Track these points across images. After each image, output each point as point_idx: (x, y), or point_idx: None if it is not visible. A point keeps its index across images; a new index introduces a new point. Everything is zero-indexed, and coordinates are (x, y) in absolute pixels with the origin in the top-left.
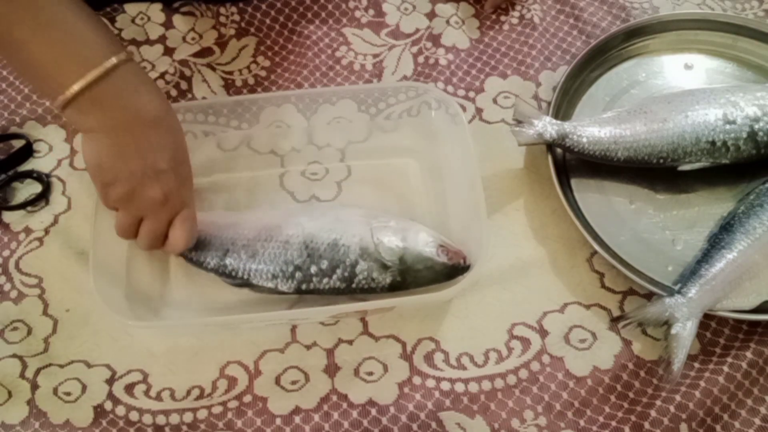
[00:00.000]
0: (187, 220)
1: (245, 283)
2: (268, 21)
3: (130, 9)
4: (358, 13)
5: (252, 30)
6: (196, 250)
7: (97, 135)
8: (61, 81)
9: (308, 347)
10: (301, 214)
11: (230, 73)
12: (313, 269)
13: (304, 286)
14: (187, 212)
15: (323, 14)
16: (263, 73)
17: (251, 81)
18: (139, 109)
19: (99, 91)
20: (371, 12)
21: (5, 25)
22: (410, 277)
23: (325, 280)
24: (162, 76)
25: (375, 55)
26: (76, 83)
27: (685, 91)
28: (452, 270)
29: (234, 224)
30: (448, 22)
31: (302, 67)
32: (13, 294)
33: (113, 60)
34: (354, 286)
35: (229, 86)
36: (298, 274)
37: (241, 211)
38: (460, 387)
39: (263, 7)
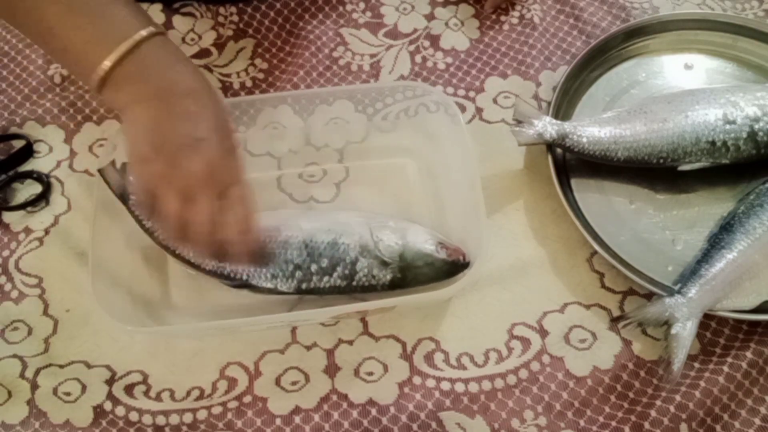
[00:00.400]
0: (243, 199)
1: (244, 284)
2: (266, 22)
3: None
4: (355, 15)
5: (250, 31)
6: (195, 253)
7: (132, 111)
8: (93, 59)
9: (308, 348)
10: (299, 218)
11: (228, 75)
12: (314, 267)
13: (304, 285)
14: (239, 190)
15: (321, 15)
16: (261, 76)
17: (249, 83)
18: (173, 79)
19: (130, 64)
20: (369, 13)
21: (38, 13)
22: (410, 274)
23: (326, 279)
24: None
25: (372, 55)
26: (107, 59)
27: (685, 91)
28: (452, 267)
29: None
30: (447, 23)
31: (299, 68)
32: (14, 294)
33: (142, 33)
34: (354, 284)
35: (226, 89)
36: (298, 273)
37: None
38: (460, 387)
39: (263, 7)
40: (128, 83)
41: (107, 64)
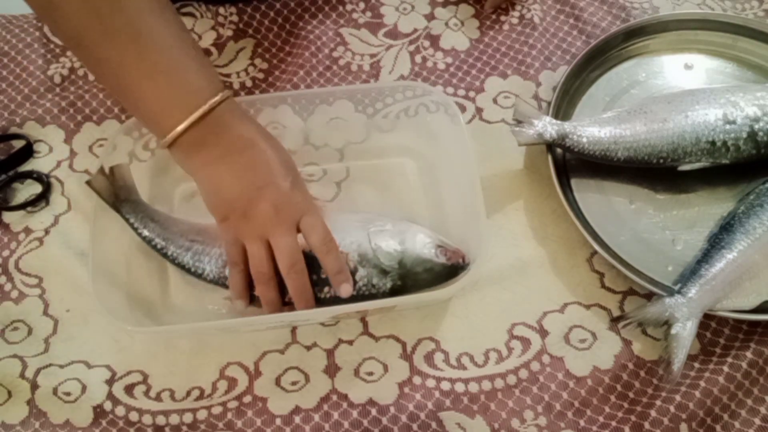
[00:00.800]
0: (316, 222)
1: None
2: (266, 22)
3: None
4: (355, 14)
5: (250, 31)
6: (194, 262)
7: (201, 176)
8: (167, 122)
9: (308, 348)
10: None
11: (227, 75)
12: (313, 278)
13: None
14: (310, 219)
15: (321, 15)
16: (261, 75)
17: (249, 83)
18: (234, 139)
19: (201, 129)
20: (368, 13)
21: (115, 69)
22: (410, 280)
23: (326, 289)
24: None
25: (372, 55)
26: (181, 124)
27: (685, 91)
28: (452, 270)
29: None
30: (447, 23)
31: (299, 68)
32: (14, 294)
33: (214, 99)
34: (354, 293)
35: (226, 88)
36: None
37: None
38: (460, 387)
39: (262, 8)
40: (198, 148)
41: (180, 129)
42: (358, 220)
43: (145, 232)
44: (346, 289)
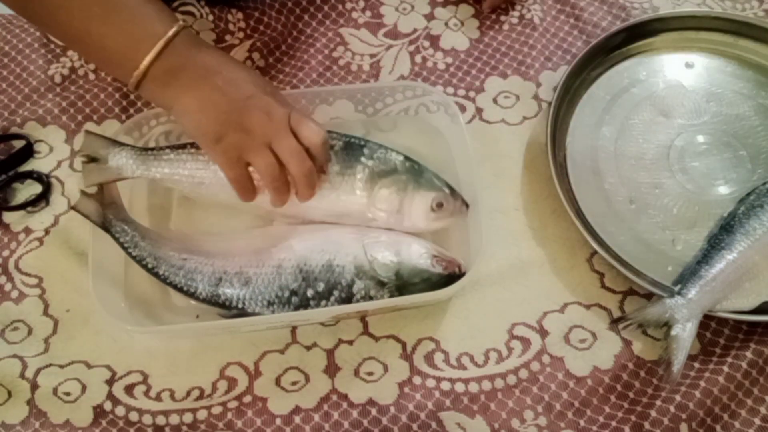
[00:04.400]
0: (302, 117)
1: (241, 314)
2: (266, 22)
3: None
4: (355, 14)
5: (249, 31)
6: (186, 281)
7: (182, 103)
8: (132, 58)
9: (308, 348)
10: (290, 236)
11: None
12: (310, 293)
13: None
14: (296, 115)
15: (320, 15)
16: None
17: None
18: (204, 62)
19: (167, 60)
20: (368, 13)
21: (82, 21)
22: (407, 291)
23: (323, 303)
24: None
25: (372, 55)
26: (146, 57)
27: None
28: (448, 279)
29: (223, 251)
30: (446, 23)
31: (298, 69)
32: (14, 294)
33: (174, 28)
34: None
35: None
36: (294, 299)
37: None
38: (460, 387)
39: (261, 8)
40: (169, 77)
41: (147, 61)
42: (351, 231)
43: (136, 252)
44: (305, 195)
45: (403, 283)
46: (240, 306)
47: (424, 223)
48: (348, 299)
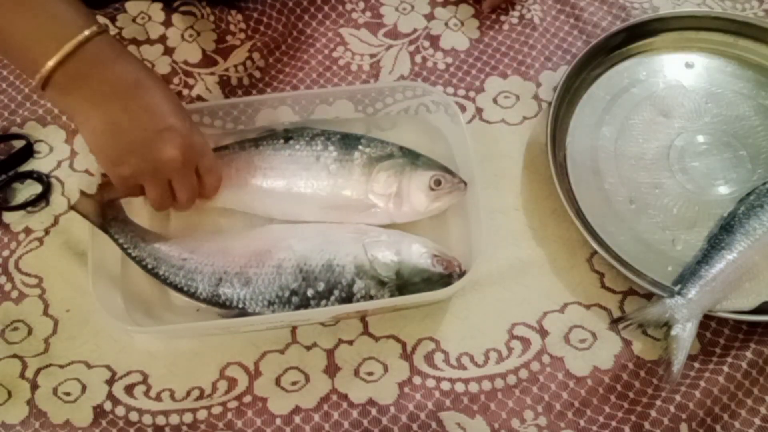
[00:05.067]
0: (211, 168)
1: (240, 314)
2: (266, 22)
3: (131, 8)
4: (355, 14)
5: (249, 32)
6: (186, 281)
7: (86, 115)
8: (36, 59)
9: (308, 348)
10: (289, 236)
11: (226, 69)
12: (310, 292)
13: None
14: (208, 160)
15: (320, 15)
16: (258, 74)
17: (246, 81)
18: (118, 76)
19: (75, 65)
20: (368, 13)
21: None
22: (407, 291)
23: (323, 303)
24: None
25: (372, 55)
26: (50, 59)
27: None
28: (449, 278)
29: (223, 251)
30: (446, 23)
31: (298, 70)
32: (14, 294)
33: (85, 33)
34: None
35: (224, 84)
36: (294, 299)
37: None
38: (460, 387)
39: (261, 8)
40: (75, 85)
41: (51, 64)
42: (351, 230)
43: (135, 252)
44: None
45: (404, 283)
46: (240, 306)
47: (424, 203)
48: (348, 299)
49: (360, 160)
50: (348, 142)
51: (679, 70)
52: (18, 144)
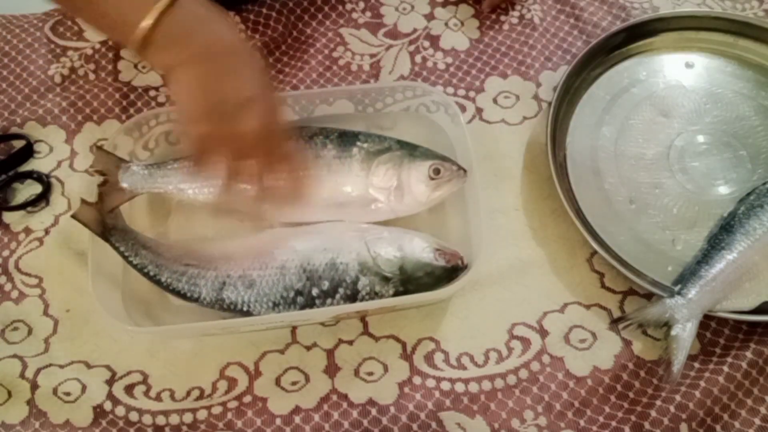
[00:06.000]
0: (288, 155)
1: (246, 316)
2: (266, 22)
3: None
4: (355, 14)
5: (248, 32)
6: (189, 287)
7: (178, 73)
8: (132, 20)
9: (308, 348)
10: (291, 236)
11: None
12: (315, 292)
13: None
14: (287, 145)
15: (320, 15)
16: None
17: None
18: (214, 37)
19: (170, 23)
20: (368, 13)
21: None
22: (412, 285)
23: (329, 302)
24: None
25: (372, 55)
26: (145, 19)
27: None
28: (452, 272)
29: (225, 255)
30: (446, 24)
31: (298, 70)
32: (14, 294)
33: None
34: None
35: None
36: (299, 299)
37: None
38: (460, 387)
39: (261, 9)
40: (170, 43)
41: (147, 23)
42: (352, 229)
43: (137, 260)
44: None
45: (408, 278)
46: (245, 309)
47: (425, 192)
48: (353, 296)
49: (359, 156)
50: (346, 138)
51: (679, 70)
52: (18, 144)
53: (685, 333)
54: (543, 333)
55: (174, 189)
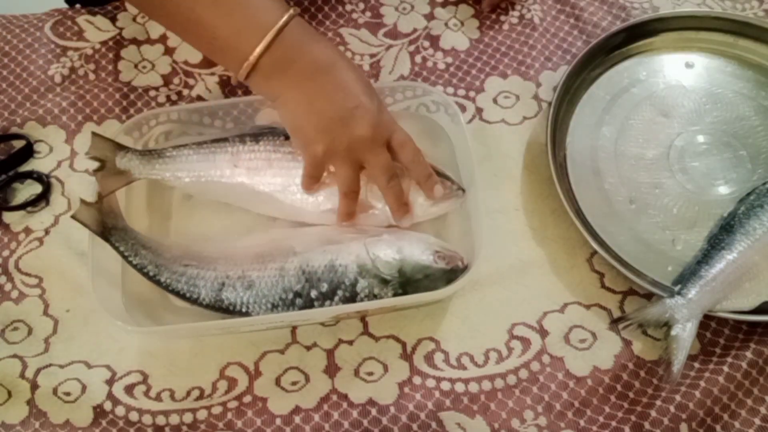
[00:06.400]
0: (404, 141)
1: (244, 317)
2: None
3: (132, 7)
4: (355, 15)
5: None
6: (189, 287)
7: (286, 98)
8: (243, 48)
9: (308, 348)
10: (290, 238)
11: (226, 69)
12: (314, 293)
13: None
14: (399, 134)
15: (320, 15)
16: None
17: None
18: (316, 57)
19: (276, 51)
20: (368, 13)
21: (188, 5)
22: (411, 288)
23: (327, 304)
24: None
25: (372, 55)
26: (257, 47)
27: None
28: (451, 273)
29: (224, 255)
30: (446, 24)
31: None
32: (14, 294)
33: (284, 18)
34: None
35: (224, 84)
36: (298, 301)
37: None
38: (460, 387)
39: None
40: (276, 71)
41: (258, 52)
42: (352, 231)
43: (137, 260)
44: (438, 191)
45: (407, 280)
46: (244, 310)
47: (422, 206)
48: (352, 298)
49: None
50: None
51: (679, 70)
52: (18, 144)
53: (685, 333)
54: (543, 333)
55: (171, 176)
